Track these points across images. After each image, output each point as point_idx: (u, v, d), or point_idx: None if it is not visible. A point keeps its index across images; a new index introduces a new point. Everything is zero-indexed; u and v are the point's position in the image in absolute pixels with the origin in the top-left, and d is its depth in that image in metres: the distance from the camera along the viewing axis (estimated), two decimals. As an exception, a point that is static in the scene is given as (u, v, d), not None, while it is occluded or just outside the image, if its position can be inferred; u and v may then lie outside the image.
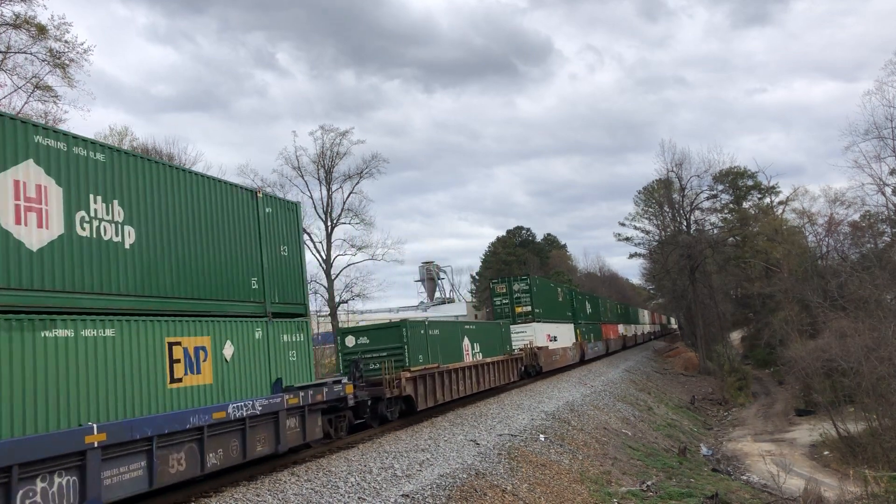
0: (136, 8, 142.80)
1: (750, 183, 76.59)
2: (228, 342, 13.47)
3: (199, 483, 13.11)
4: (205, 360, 12.81)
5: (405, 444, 18.04)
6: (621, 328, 72.50)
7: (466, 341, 27.58)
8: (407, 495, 13.17)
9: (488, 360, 29.28)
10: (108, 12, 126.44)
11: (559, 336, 42.59)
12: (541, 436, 21.47)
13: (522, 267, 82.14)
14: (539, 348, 36.79)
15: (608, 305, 68.11)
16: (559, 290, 47.13)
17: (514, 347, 34.71)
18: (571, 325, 47.65)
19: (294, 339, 15.71)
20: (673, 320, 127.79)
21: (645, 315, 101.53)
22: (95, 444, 9.80)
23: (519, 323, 37.22)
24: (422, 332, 23.42)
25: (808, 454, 33.38)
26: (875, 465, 26.86)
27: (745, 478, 27.32)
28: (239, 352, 13.71)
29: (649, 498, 19.21)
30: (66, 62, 28.28)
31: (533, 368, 36.43)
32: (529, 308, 37.91)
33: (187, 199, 13.18)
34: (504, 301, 38.62)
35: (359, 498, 13.02)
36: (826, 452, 32.72)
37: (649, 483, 20.66)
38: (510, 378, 32.19)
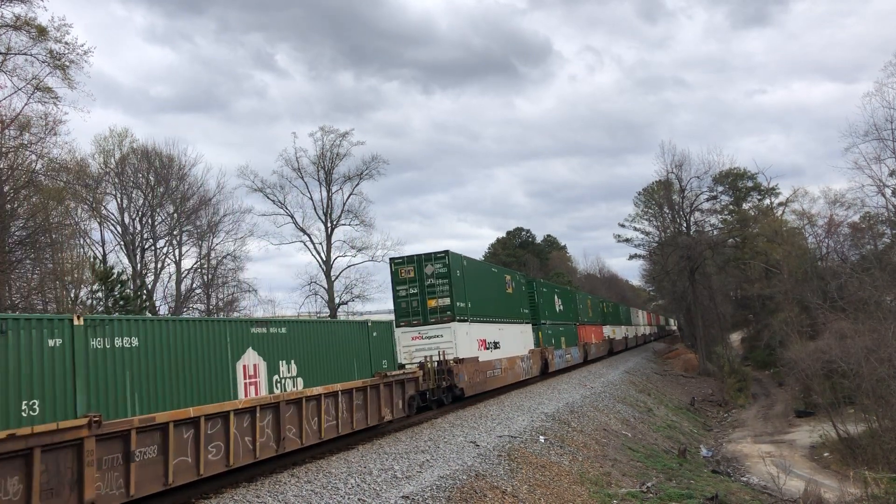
0: (134, 8, 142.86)
1: (750, 184, 76.90)
2: None
3: (198, 485, 13.11)
4: None
5: (405, 446, 18.05)
6: (607, 330, 63.97)
7: (252, 358, 14.53)
8: (407, 497, 13.16)
9: (321, 390, 16.35)
10: (106, 12, 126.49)
11: (505, 341, 32.02)
12: (541, 437, 21.47)
13: (522, 268, 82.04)
14: (460, 360, 25.64)
15: (590, 302, 58.16)
16: (507, 277, 35.35)
17: (409, 362, 24.72)
18: (528, 327, 37.09)
19: None
20: (672, 321, 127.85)
21: (640, 315, 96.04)
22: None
23: (432, 323, 26.35)
24: (51, 343, 10.20)
25: (808, 455, 33.38)
26: (875, 467, 26.86)
27: (745, 479, 27.31)
28: None
29: (649, 499, 19.21)
30: (66, 64, 28.37)
31: (446, 393, 25.18)
32: (448, 301, 26.37)
33: None
34: (411, 291, 26.94)
35: (359, 499, 13.02)
36: (826, 454, 32.72)
37: (649, 484, 20.65)
38: (384, 415, 19.53)
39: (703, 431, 39.88)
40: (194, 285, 48.96)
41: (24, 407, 9.75)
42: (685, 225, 68.34)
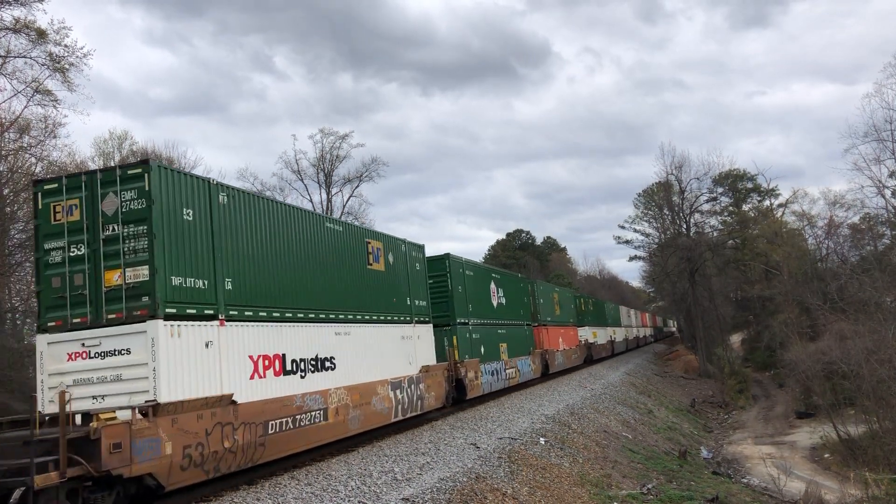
0: (132, 10, 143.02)
1: (749, 185, 76.87)
2: None
3: (199, 486, 13.09)
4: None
5: (405, 448, 18.05)
6: (585, 332, 51.03)
7: None
8: (407, 499, 13.15)
9: None
10: (105, 15, 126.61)
11: (351, 356, 17.65)
12: (541, 439, 21.45)
13: (522, 270, 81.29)
14: (154, 409, 10.80)
15: (556, 297, 44.21)
16: (374, 245, 19.96)
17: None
18: (425, 329, 23.01)
19: None
20: (671, 322, 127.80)
21: (632, 315, 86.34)
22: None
23: (112, 323, 11.56)
24: None
25: (808, 457, 33.37)
26: (875, 468, 26.84)
27: (745, 480, 27.30)
28: None
29: (650, 501, 19.19)
30: (66, 66, 28.37)
31: (92, 498, 9.91)
32: (147, 270, 11.46)
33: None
34: (73, 253, 11.95)
35: (359, 502, 13.01)
36: (826, 455, 32.71)
37: (650, 486, 20.64)
38: None
39: (704, 433, 39.86)
40: (194, 288, 48.89)
41: None
42: (685, 226, 68.38)
